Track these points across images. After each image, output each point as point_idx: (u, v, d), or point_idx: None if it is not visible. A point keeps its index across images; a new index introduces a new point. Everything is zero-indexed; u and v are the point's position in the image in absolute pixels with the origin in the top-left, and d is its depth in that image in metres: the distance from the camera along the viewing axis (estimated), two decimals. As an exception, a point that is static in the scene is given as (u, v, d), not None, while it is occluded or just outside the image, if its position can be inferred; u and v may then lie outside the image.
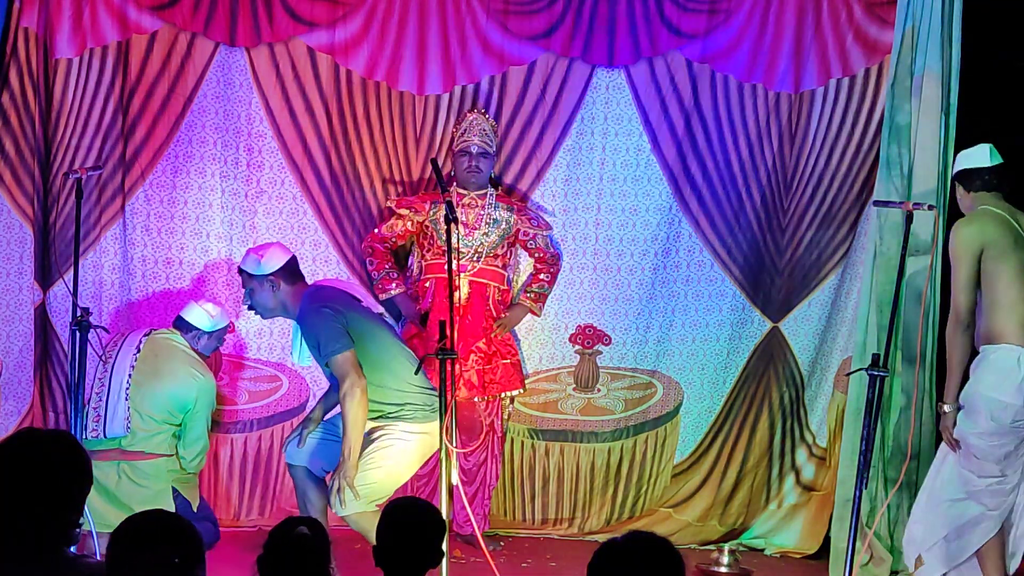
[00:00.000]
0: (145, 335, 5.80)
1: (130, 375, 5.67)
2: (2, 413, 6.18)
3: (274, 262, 5.34)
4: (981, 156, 5.34)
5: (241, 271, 5.44)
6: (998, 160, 5.31)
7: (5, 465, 2.91)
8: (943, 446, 5.30)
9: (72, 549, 2.94)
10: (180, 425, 5.74)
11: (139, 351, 5.73)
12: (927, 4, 5.80)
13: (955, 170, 5.40)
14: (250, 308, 5.47)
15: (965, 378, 5.21)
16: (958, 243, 5.18)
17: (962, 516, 5.18)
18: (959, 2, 5.84)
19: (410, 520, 3.51)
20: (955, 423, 5.15)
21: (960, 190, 5.38)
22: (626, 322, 6.54)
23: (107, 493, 5.52)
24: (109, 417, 5.64)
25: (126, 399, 5.65)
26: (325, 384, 6.49)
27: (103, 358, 5.67)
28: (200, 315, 5.84)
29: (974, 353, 5.20)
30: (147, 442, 5.67)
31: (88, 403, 5.57)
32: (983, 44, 6.09)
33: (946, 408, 5.17)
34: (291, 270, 5.37)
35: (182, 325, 5.86)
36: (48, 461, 2.92)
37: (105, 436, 5.64)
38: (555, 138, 6.46)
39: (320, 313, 5.17)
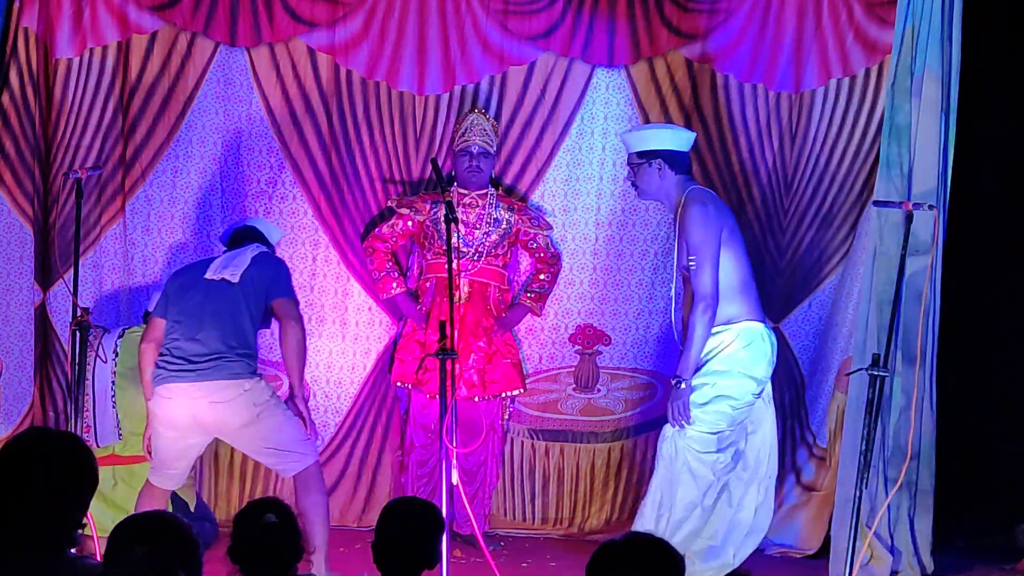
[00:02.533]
0: (119, 337, 5.74)
1: (113, 381, 5.63)
2: (2, 413, 6.18)
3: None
4: (686, 140, 5.40)
5: None
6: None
7: (14, 463, 2.92)
8: (665, 455, 5.29)
9: (72, 550, 2.95)
10: None
11: (117, 355, 5.67)
12: (927, 4, 5.79)
13: (657, 147, 5.36)
14: None
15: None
16: (706, 225, 5.20)
17: (709, 501, 5.26)
18: (959, 2, 5.83)
19: (408, 519, 3.52)
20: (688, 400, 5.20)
21: (662, 168, 5.35)
22: (626, 322, 6.54)
23: (103, 498, 5.50)
24: (99, 426, 5.59)
25: (113, 406, 5.62)
26: (325, 383, 6.51)
27: (101, 356, 5.63)
28: None
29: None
30: (140, 445, 5.64)
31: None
32: (983, 44, 6.09)
33: (684, 384, 5.20)
34: (233, 239, 5.68)
35: None
36: (57, 460, 2.93)
37: (98, 445, 5.61)
38: (555, 138, 6.46)
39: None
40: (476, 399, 6.21)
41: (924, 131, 5.82)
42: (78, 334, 5.15)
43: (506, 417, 6.41)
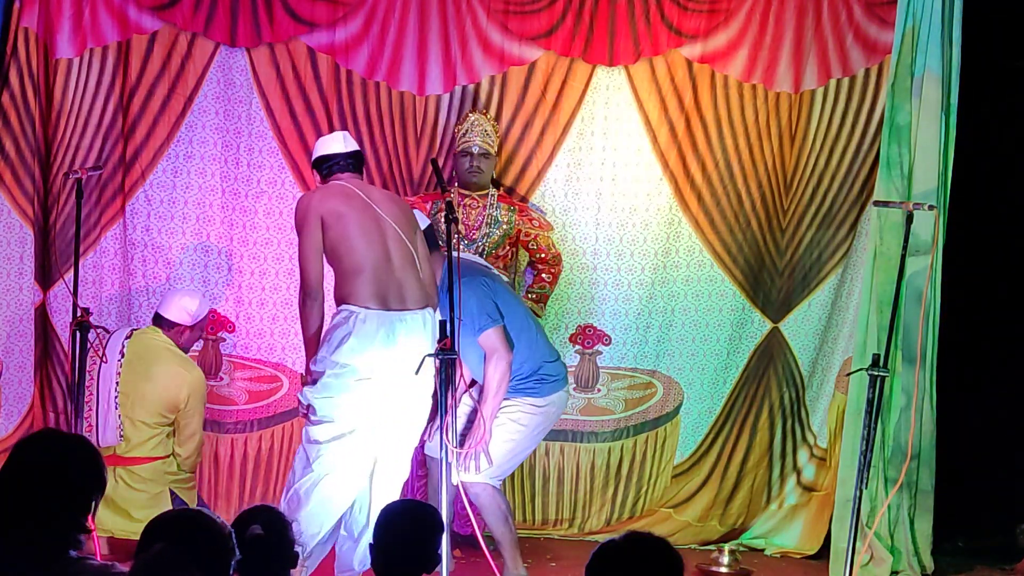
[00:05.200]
0: (126, 338, 5.71)
1: (117, 383, 5.62)
2: (2, 413, 6.18)
3: None
4: (336, 143, 5.39)
5: None
6: (354, 147, 5.41)
7: (25, 464, 2.93)
8: (308, 453, 5.12)
9: (72, 552, 2.95)
10: (172, 424, 5.70)
11: (123, 355, 5.65)
12: (927, 4, 5.80)
13: (313, 159, 5.43)
14: None
15: None
16: (299, 215, 5.17)
17: (331, 492, 5.12)
18: (959, 2, 5.84)
19: (407, 522, 3.50)
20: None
21: (317, 179, 5.43)
22: (626, 322, 6.54)
23: (105, 498, 5.47)
24: (101, 427, 5.57)
25: (116, 407, 5.60)
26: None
27: (103, 358, 5.62)
28: (179, 311, 5.74)
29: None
30: (142, 447, 5.62)
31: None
32: (983, 44, 6.10)
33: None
34: (428, 237, 5.48)
35: (163, 323, 5.79)
36: (67, 462, 2.94)
37: (99, 446, 5.59)
38: (555, 138, 6.46)
39: (474, 285, 5.33)
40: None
41: (924, 131, 5.82)
42: (78, 334, 5.14)
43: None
